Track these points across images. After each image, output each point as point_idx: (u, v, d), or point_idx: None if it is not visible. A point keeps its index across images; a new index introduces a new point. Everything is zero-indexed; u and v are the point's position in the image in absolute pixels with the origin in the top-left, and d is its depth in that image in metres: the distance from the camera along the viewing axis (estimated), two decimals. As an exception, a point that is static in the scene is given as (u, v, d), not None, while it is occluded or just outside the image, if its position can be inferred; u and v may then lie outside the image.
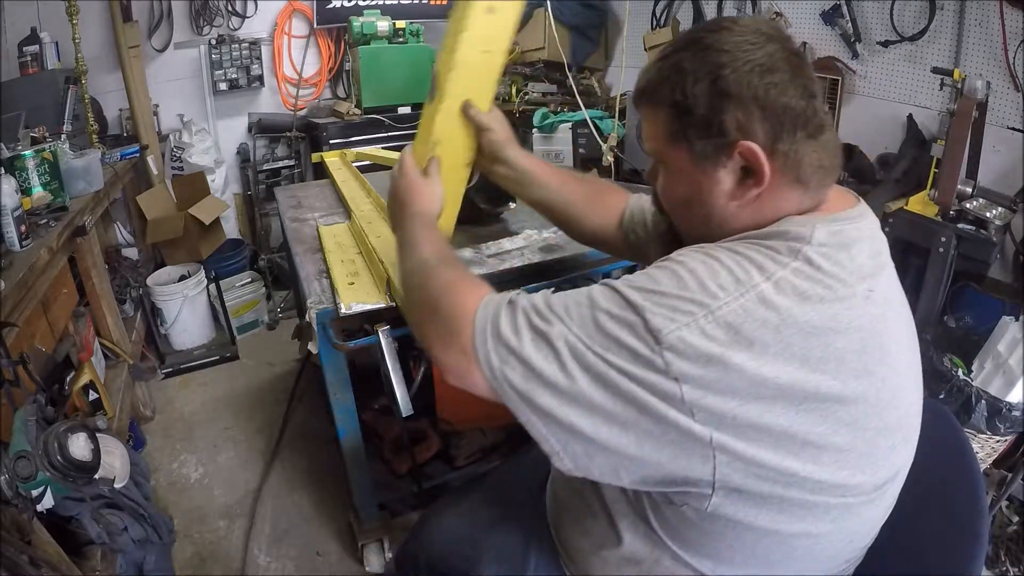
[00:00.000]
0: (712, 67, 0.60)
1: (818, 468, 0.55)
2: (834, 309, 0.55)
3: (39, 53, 2.33)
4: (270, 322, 2.93)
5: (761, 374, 0.52)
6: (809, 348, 0.53)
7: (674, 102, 0.63)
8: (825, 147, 0.62)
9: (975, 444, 1.58)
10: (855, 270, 0.58)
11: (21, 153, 1.62)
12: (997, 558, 1.55)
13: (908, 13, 2.01)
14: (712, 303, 0.54)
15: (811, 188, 0.62)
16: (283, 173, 3.15)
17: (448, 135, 0.99)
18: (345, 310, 1.16)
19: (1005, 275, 1.86)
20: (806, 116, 0.60)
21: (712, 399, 0.53)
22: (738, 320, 0.53)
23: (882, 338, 0.58)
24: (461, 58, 0.94)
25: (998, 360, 1.60)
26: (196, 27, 2.88)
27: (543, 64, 3.13)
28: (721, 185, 0.63)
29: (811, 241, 0.58)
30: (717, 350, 0.52)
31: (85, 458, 1.13)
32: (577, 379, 0.56)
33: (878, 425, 0.57)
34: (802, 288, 0.55)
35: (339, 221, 1.64)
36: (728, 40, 0.61)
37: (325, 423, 2.09)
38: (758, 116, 0.60)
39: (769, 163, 0.60)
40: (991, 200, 1.74)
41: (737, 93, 0.60)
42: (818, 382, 0.53)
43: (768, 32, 0.62)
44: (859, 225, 0.62)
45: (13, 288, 1.26)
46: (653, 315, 0.54)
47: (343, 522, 1.74)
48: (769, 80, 0.59)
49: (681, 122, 0.63)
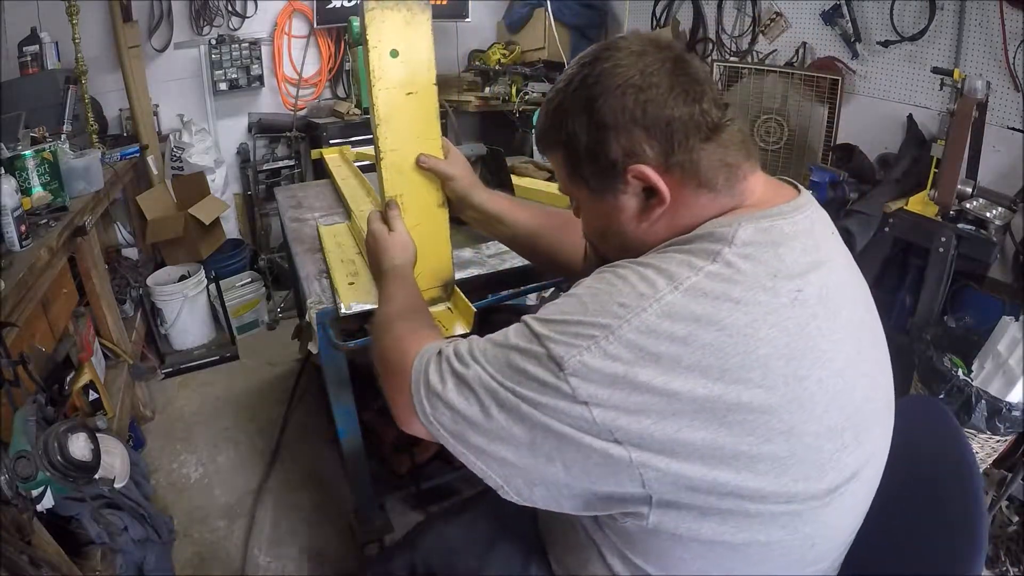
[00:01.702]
0: (586, 101, 0.61)
1: (755, 476, 0.53)
2: (753, 314, 0.53)
3: (39, 53, 2.33)
4: (270, 322, 2.93)
5: (672, 389, 0.51)
6: (726, 358, 0.52)
7: (562, 143, 0.65)
8: (727, 143, 0.61)
9: (975, 444, 1.58)
10: (781, 270, 0.56)
11: (21, 153, 1.62)
12: (997, 558, 1.55)
13: (908, 13, 2.01)
14: (613, 323, 0.53)
15: (720, 188, 0.61)
16: (283, 173, 3.15)
17: (405, 187, 0.98)
18: (345, 310, 1.16)
19: (1005, 275, 1.86)
20: (694, 121, 0.59)
21: (625, 419, 0.52)
22: (641, 337, 0.52)
23: (815, 340, 0.55)
24: (385, 109, 0.92)
25: (998, 360, 1.60)
26: (196, 27, 2.88)
27: (543, 64, 3.12)
28: (627, 211, 0.64)
29: (733, 241, 0.56)
30: (621, 370, 0.52)
31: (85, 458, 1.13)
32: (495, 416, 0.58)
33: (818, 429, 0.55)
34: (717, 292, 0.53)
35: (339, 221, 1.64)
36: (601, 67, 0.61)
37: (325, 423, 2.09)
38: (642, 137, 0.59)
39: (666, 178, 0.60)
40: (991, 200, 1.74)
41: (614, 121, 0.60)
42: (739, 393, 0.52)
43: (645, 46, 0.62)
44: (794, 219, 0.60)
45: (13, 288, 1.26)
46: (555, 344, 0.55)
47: (343, 522, 1.74)
48: (645, 97, 0.59)
49: (573, 161, 0.65)
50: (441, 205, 1.03)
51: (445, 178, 1.00)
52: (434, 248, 1.07)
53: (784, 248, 0.57)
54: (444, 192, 1.02)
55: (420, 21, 0.91)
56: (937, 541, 0.69)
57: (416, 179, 0.99)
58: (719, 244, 0.56)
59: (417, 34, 0.92)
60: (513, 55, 3.28)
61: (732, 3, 2.62)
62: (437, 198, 1.02)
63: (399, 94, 0.93)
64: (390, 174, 0.97)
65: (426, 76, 0.94)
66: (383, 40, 0.90)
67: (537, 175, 1.81)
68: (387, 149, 0.95)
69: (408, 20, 0.91)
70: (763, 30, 2.51)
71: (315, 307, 1.19)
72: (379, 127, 0.94)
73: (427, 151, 0.98)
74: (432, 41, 0.93)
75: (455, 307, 1.11)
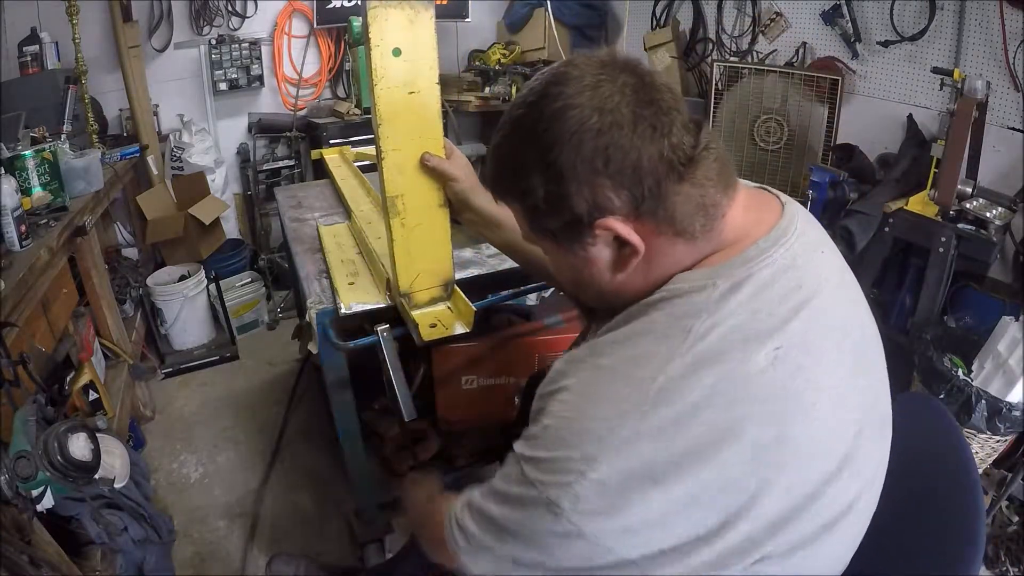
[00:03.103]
0: (541, 151, 0.55)
1: (753, 537, 0.52)
2: (729, 395, 0.51)
3: (39, 53, 2.32)
4: (270, 322, 2.93)
5: (668, 498, 0.50)
6: (712, 446, 0.50)
7: (518, 196, 0.60)
8: (703, 180, 0.55)
9: (975, 444, 1.58)
10: (758, 332, 0.53)
11: (21, 153, 1.62)
12: (997, 558, 1.55)
13: (908, 13, 2.01)
14: (594, 450, 0.51)
15: (698, 234, 0.56)
16: (283, 173, 3.15)
17: (406, 187, 0.98)
18: (345, 310, 1.16)
19: (1005, 275, 1.86)
20: (665, 161, 0.53)
21: (630, 539, 0.52)
22: (624, 459, 0.51)
23: (800, 394, 0.53)
24: (386, 108, 0.92)
25: (998, 360, 1.60)
26: (196, 27, 2.88)
27: (543, 64, 3.13)
28: (600, 262, 0.59)
29: (705, 311, 0.53)
30: (613, 495, 0.50)
31: (85, 458, 1.13)
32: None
33: (809, 477, 0.54)
34: (690, 387, 0.51)
35: (339, 221, 1.64)
36: (552, 109, 0.55)
37: (325, 423, 2.09)
38: (607, 186, 0.54)
39: (638, 227, 0.55)
40: (991, 200, 1.74)
41: (573, 173, 0.54)
42: (727, 473, 0.51)
43: (598, 74, 0.55)
44: (773, 258, 0.56)
45: (13, 288, 1.26)
46: (548, 487, 0.53)
47: (343, 522, 1.74)
48: (606, 142, 0.53)
49: (533, 214, 0.60)
50: (442, 205, 1.02)
51: (447, 178, 0.98)
52: (434, 248, 1.06)
53: (760, 302, 0.54)
54: (445, 192, 1.02)
55: (423, 20, 0.90)
56: (934, 541, 0.68)
57: (417, 179, 0.99)
58: (691, 319, 0.53)
59: (420, 33, 0.91)
60: (513, 55, 3.28)
61: (732, 3, 2.62)
62: (438, 198, 1.02)
63: (401, 93, 0.92)
64: (391, 174, 0.97)
65: (428, 76, 0.93)
66: (385, 39, 0.89)
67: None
68: (388, 148, 0.95)
69: (411, 19, 0.90)
70: (763, 30, 2.51)
71: (315, 307, 1.19)
72: (381, 126, 0.93)
73: (429, 151, 0.98)
74: (435, 40, 0.92)
75: (455, 307, 1.11)
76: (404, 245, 1.03)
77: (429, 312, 1.09)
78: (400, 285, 1.07)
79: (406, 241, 1.03)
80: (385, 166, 0.96)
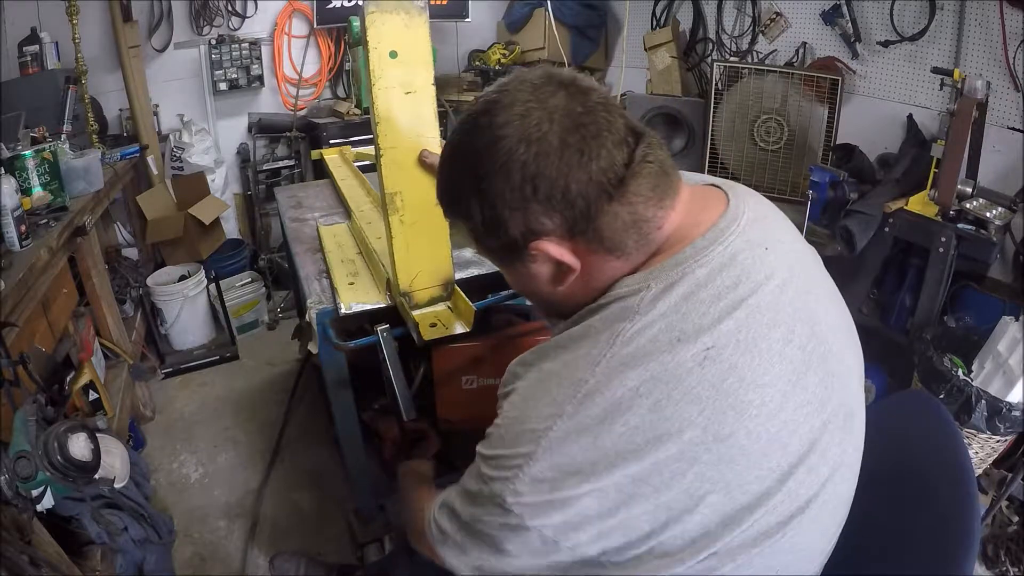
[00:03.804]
0: (474, 179, 0.58)
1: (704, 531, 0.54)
2: (656, 395, 0.53)
3: (39, 53, 2.32)
4: (270, 322, 2.93)
5: (601, 487, 0.53)
6: (641, 442, 0.52)
7: (461, 217, 0.63)
8: (635, 195, 0.56)
9: (975, 444, 1.58)
10: (686, 331, 0.54)
11: (21, 153, 1.62)
12: (997, 558, 1.55)
13: (908, 13, 2.01)
14: (530, 448, 0.54)
15: (630, 249, 0.58)
16: (283, 173, 3.15)
17: (404, 184, 1.00)
18: (345, 310, 1.16)
19: (1005, 275, 1.86)
20: (595, 183, 0.55)
21: (575, 534, 0.54)
22: (556, 456, 0.54)
23: (736, 393, 0.54)
24: (383, 108, 0.95)
25: (998, 360, 1.60)
26: (196, 27, 2.88)
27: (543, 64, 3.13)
28: (540, 278, 0.62)
29: (636, 315, 0.55)
30: (548, 489, 0.54)
31: (85, 458, 1.13)
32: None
33: (758, 474, 0.54)
34: (615, 388, 0.53)
35: (339, 221, 1.64)
36: (485, 139, 0.56)
37: (325, 423, 2.09)
38: (539, 212, 0.56)
39: (574, 248, 0.58)
40: (991, 200, 1.74)
41: (505, 201, 0.56)
42: (661, 468, 0.52)
43: (529, 98, 0.56)
44: (711, 256, 0.57)
45: (13, 288, 1.26)
46: (494, 482, 0.56)
47: (343, 522, 1.74)
48: (534, 171, 0.54)
49: (475, 234, 0.63)
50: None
51: None
52: (433, 247, 1.07)
53: (692, 302, 0.55)
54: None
55: (418, 24, 0.94)
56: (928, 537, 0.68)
57: (415, 176, 1.01)
58: (621, 322, 0.55)
59: (415, 36, 0.94)
60: (513, 55, 3.28)
61: (732, 3, 2.62)
62: (434, 198, 1.03)
63: (398, 93, 0.96)
64: (389, 171, 0.99)
65: (424, 76, 0.97)
66: (383, 42, 0.93)
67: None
68: (386, 147, 0.97)
69: (407, 23, 0.93)
70: (763, 30, 2.51)
71: (315, 307, 1.19)
72: (379, 125, 0.96)
73: (427, 149, 1.00)
74: (430, 43, 0.96)
75: (455, 307, 1.11)
76: (403, 242, 1.04)
77: (429, 312, 1.10)
78: (400, 284, 1.07)
79: (405, 238, 1.04)
80: (384, 163, 0.98)
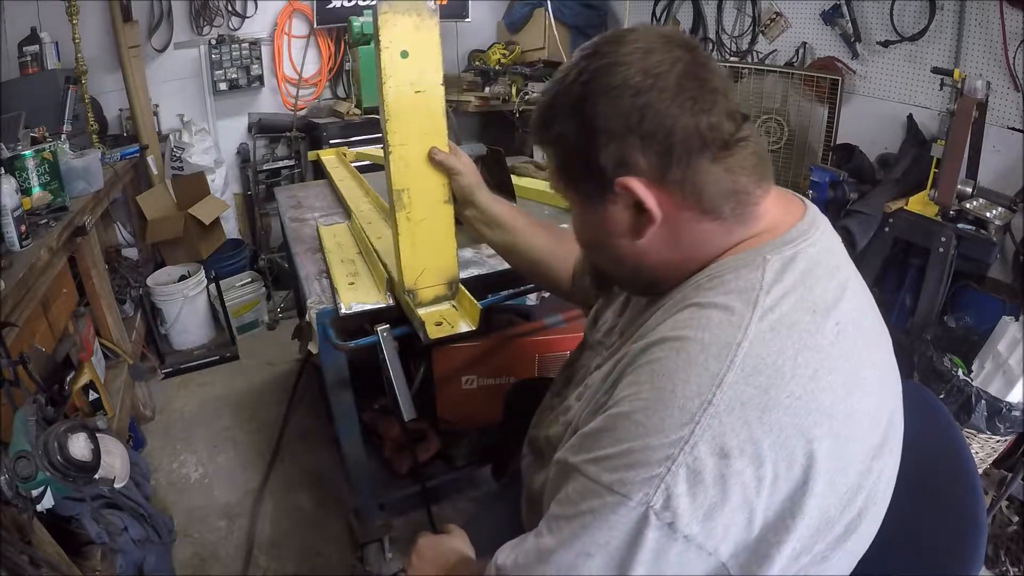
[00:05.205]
0: (578, 100, 0.55)
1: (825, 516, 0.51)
2: (813, 365, 0.49)
3: (39, 53, 2.33)
4: (270, 322, 2.93)
5: (760, 475, 0.48)
6: (801, 420, 0.48)
7: (553, 142, 0.60)
8: (736, 168, 0.55)
9: (975, 444, 1.58)
10: (818, 305, 0.52)
11: (21, 153, 1.62)
12: (997, 558, 1.55)
13: (908, 13, 2.01)
14: (685, 432, 0.47)
15: (727, 217, 0.56)
16: (283, 173, 3.15)
17: (412, 181, 1.01)
18: (345, 310, 1.16)
19: (1005, 275, 1.86)
20: (700, 136, 0.53)
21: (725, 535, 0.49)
22: (718, 437, 0.47)
23: (860, 370, 0.53)
24: (393, 105, 0.96)
25: (998, 360, 1.60)
26: (196, 27, 2.88)
27: (543, 64, 3.12)
28: (618, 224, 0.58)
29: (764, 285, 0.52)
30: (711, 481, 0.47)
31: (85, 458, 1.13)
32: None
33: (865, 451, 0.53)
34: (772, 354, 0.49)
35: (339, 221, 1.64)
36: (599, 64, 0.55)
37: (325, 423, 2.09)
38: (636, 145, 0.53)
39: (658, 196, 0.55)
40: (991, 200, 1.74)
41: (605, 125, 0.54)
42: (813, 450, 0.49)
43: (654, 42, 0.54)
44: (812, 240, 0.56)
45: (13, 288, 1.26)
46: (631, 484, 0.48)
47: (343, 522, 1.74)
48: (644, 101, 0.52)
49: (562, 162, 0.60)
50: (447, 201, 1.05)
51: (453, 173, 1.00)
52: (439, 244, 1.08)
53: (812, 279, 0.54)
54: (450, 188, 1.03)
55: (429, 25, 0.95)
56: (937, 538, 0.68)
57: (423, 173, 1.02)
58: (752, 291, 0.52)
59: (426, 37, 0.96)
60: (513, 55, 3.28)
61: (732, 3, 2.62)
62: (443, 194, 1.04)
63: (408, 92, 0.97)
64: (398, 167, 1.00)
65: (433, 76, 0.98)
66: (394, 42, 0.94)
67: (537, 175, 1.81)
68: (396, 144, 0.98)
69: (417, 24, 0.95)
70: (763, 30, 2.51)
71: (315, 307, 1.19)
72: (388, 122, 0.97)
73: (435, 146, 1.01)
74: (439, 43, 0.97)
75: (460, 305, 1.11)
76: (409, 239, 1.05)
77: (435, 311, 1.09)
78: (405, 281, 1.08)
79: (411, 235, 1.05)
80: (392, 160, 0.99)
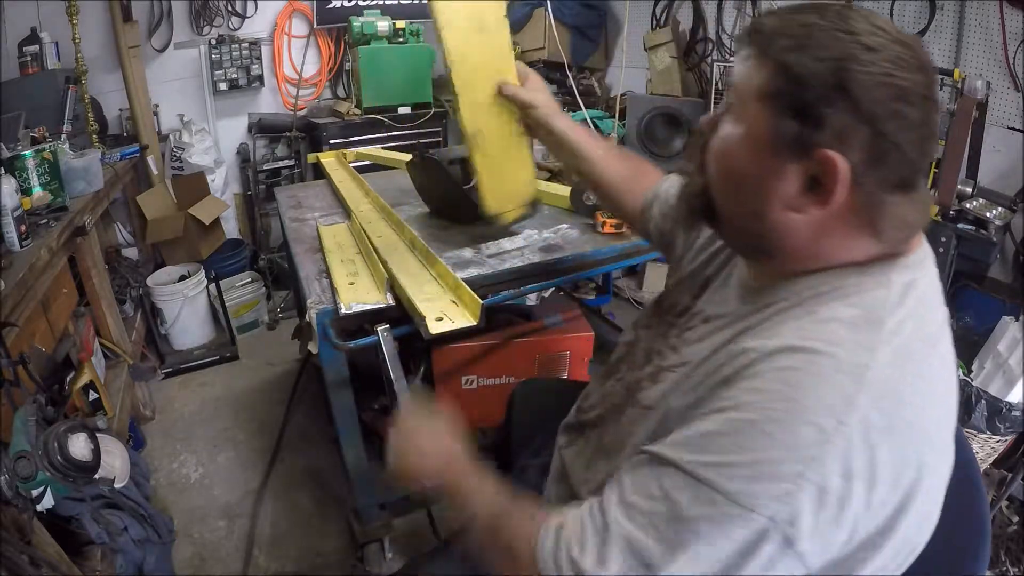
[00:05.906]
0: (845, 52, 0.49)
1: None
2: (936, 386, 0.51)
3: (39, 53, 2.32)
4: (270, 322, 2.93)
5: (879, 499, 0.48)
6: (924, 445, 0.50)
7: (785, 64, 0.52)
8: (914, 204, 0.54)
9: (975, 444, 1.58)
10: (932, 334, 0.53)
11: (21, 153, 1.62)
12: (997, 558, 1.55)
13: (908, 13, 2.01)
14: (816, 451, 0.46)
15: (884, 242, 0.55)
16: (283, 173, 3.15)
17: (483, 123, 1.02)
18: (345, 310, 1.16)
19: (1005, 275, 1.86)
20: (911, 167, 0.52)
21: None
22: (853, 459, 0.46)
23: (950, 408, 0.54)
24: (455, 51, 0.96)
25: (998, 360, 1.60)
26: (196, 27, 2.88)
27: (543, 64, 3.13)
28: (783, 182, 0.54)
29: (890, 303, 0.52)
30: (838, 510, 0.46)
31: (85, 458, 1.13)
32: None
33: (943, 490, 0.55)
34: (899, 377, 0.49)
35: (339, 221, 1.64)
36: (874, 38, 0.50)
37: (325, 423, 2.09)
38: (864, 134, 0.50)
39: (844, 189, 0.52)
40: (991, 200, 1.75)
41: (858, 97, 0.49)
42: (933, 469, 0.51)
43: (918, 59, 0.51)
44: (927, 269, 0.57)
45: (13, 288, 1.26)
46: (761, 500, 0.47)
47: (343, 522, 1.74)
48: (897, 108, 0.49)
49: (781, 87, 0.52)
50: (520, 134, 1.06)
51: (526, 106, 0.99)
52: (516, 173, 1.11)
53: (924, 308, 0.54)
54: (523, 120, 1.04)
55: None
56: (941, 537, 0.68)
57: (493, 112, 1.02)
58: (878, 310, 0.52)
59: None
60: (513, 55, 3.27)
61: (732, 3, 2.62)
62: (514, 128, 1.05)
63: (470, 34, 0.96)
64: (469, 112, 0.99)
65: (496, 12, 0.98)
66: None
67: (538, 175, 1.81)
68: (463, 88, 0.97)
69: None
70: (763, 30, 2.51)
71: (315, 307, 1.19)
72: (452, 68, 0.96)
73: (505, 80, 1.01)
74: None
75: (461, 300, 1.11)
76: (487, 173, 1.07)
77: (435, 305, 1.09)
78: (488, 208, 1.12)
79: (488, 170, 1.07)
80: (461, 105, 0.99)
